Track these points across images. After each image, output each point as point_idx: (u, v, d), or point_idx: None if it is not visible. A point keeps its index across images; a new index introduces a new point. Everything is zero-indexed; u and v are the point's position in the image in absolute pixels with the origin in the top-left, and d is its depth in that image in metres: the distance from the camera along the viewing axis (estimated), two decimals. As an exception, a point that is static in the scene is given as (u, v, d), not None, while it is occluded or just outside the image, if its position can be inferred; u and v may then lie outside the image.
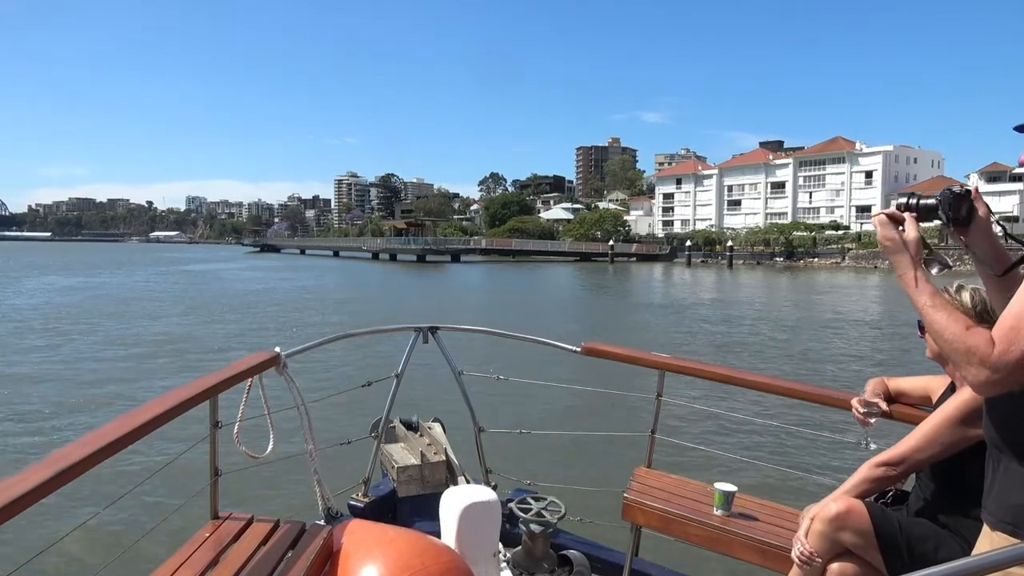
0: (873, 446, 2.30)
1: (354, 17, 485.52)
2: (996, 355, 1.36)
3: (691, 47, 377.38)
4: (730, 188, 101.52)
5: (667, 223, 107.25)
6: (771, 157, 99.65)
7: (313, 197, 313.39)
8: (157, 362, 13.75)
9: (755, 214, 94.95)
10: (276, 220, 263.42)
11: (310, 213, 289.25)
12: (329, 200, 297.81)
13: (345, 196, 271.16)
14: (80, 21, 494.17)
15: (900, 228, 1.61)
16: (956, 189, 1.61)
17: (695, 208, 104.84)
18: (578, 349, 3.27)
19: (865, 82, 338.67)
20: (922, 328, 1.96)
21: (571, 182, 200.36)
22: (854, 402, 2.40)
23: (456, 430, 3.58)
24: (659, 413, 3.13)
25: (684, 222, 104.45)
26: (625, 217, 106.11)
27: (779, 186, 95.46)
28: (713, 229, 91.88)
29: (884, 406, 2.36)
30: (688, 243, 79.80)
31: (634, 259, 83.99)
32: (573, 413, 9.11)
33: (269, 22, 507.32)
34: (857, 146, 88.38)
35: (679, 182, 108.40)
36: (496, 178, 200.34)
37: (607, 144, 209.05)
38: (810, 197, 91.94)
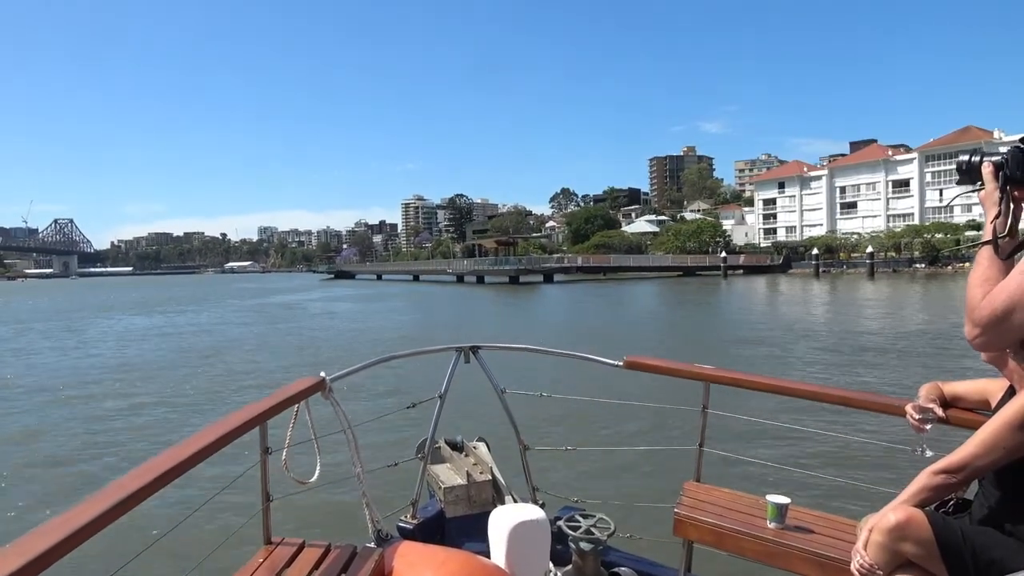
0: (929, 453, 2.24)
1: (409, 46, 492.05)
2: (976, 312, 1.60)
3: (746, 54, 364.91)
4: (843, 189, 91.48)
5: (769, 231, 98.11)
6: (890, 153, 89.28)
7: (380, 222, 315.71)
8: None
9: (874, 216, 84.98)
10: (345, 246, 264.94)
11: (377, 238, 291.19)
12: (395, 224, 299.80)
13: (412, 219, 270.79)
14: (152, 64, 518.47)
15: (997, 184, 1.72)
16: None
17: (802, 213, 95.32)
18: (621, 364, 3.21)
19: (939, 82, 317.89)
20: None
21: (647, 194, 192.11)
22: (908, 408, 2.29)
23: (501, 449, 3.56)
24: (705, 426, 3.07)
25: (789, 229, 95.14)
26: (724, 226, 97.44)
27: (902, 184, 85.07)
28: (835, 235, 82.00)
29: (940, 412, 2.25)
30: (814, 251, 70.10)
31: (740, 271, 75.61)
32: (618, 428, 8.83)
33: (329, 57, 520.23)
34: (995, 135, 77.45)
35: (782, 186, 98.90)
36: (567, 194, 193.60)
37: (682, 153, 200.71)
38: (940, 195, 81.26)
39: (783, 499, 2.57)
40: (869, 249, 66.45)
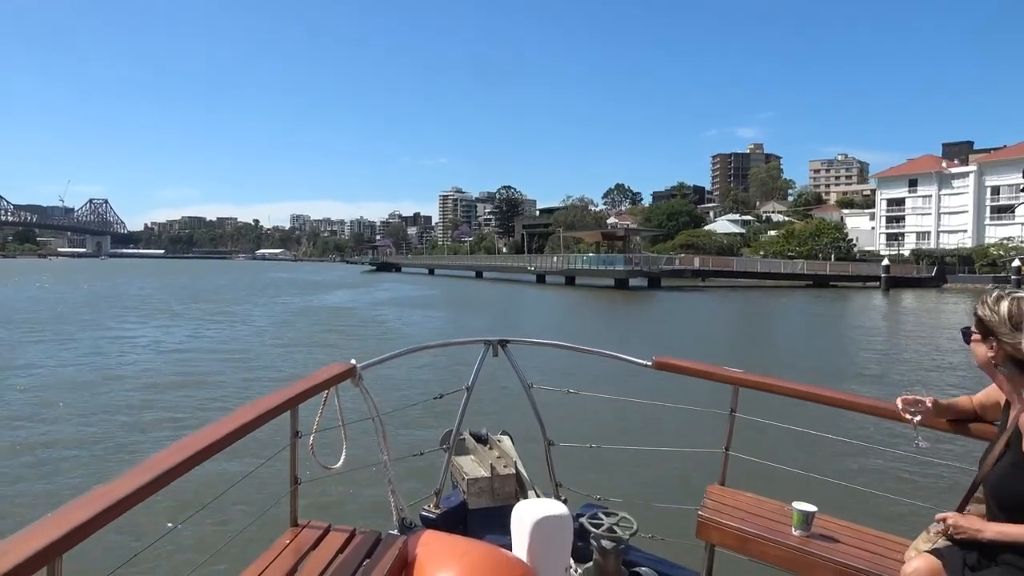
0: (925, 444, 2.29)
1: (443, 37, 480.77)
2: None
3: (784, 62, 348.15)
4: (996, 190, 76.66)
5: (893, 236, 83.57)
6: (1061, 146, 74.41)
7: (414, 214, 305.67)
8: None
9: (1040, 222, 70.24)
10: (378, 237, 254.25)
11: (412, 230, 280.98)
12: (429, 217, 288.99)
13: (451, 212, 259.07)
14: (190, 48, 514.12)
15: None
16: None
17: (939, 216, 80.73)
18: (650, 363, 3.18)
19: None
20: (967, 337, 2.08)
21: (710, 192, 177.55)
22: (898, 401, 2.32)
23: (525, 443, 3.52)
24: (733, 430, 3.05)
25: (921, 235, 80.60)
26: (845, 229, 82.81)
27: (1079, 185, 70.22)
28: (1009, 242, 67.12)
29: (929, 403, 2.27)
30: (1015, 263, 54.53)
31: (877, 284, 61.57)
32: (644, 428, 8.70)
33: (363, 50, 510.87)
34: None
35: (912, 184, 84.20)
36: (622, 190, 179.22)
37: (748, 151, 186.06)
38: None
39: (810, 507, 2.53)
40: None
